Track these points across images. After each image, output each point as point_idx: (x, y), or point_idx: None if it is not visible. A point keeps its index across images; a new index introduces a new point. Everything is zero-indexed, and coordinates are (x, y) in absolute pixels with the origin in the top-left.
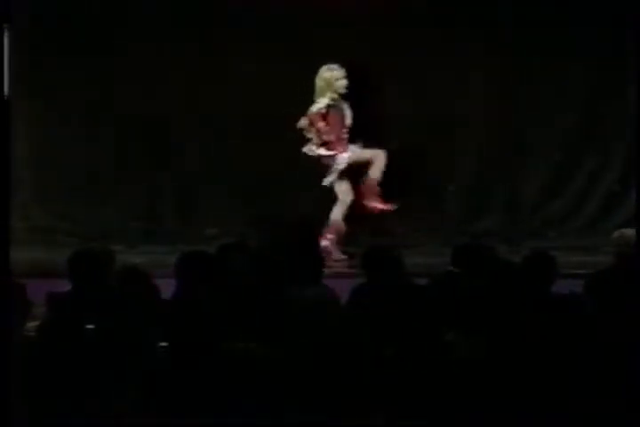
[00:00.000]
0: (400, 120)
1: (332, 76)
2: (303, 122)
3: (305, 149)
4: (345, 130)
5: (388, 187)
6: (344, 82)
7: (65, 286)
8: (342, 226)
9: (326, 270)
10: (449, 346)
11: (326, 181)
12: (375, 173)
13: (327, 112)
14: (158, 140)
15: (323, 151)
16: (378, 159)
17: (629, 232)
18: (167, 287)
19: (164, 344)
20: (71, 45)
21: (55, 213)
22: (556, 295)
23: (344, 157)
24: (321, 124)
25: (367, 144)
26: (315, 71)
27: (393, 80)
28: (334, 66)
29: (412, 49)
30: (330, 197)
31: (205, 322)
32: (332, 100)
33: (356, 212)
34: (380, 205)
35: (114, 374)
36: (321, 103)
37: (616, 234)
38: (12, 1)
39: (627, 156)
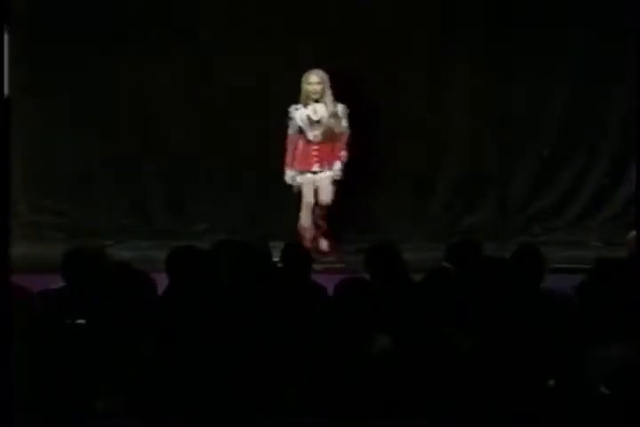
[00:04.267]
0: (390, 118)
1: (304, 81)
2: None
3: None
4: (313, 144)
5: (377, 183)
6: (315, 87)
7: (54, 281)
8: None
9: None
10: (445, 342)
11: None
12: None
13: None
14: (149, 137)
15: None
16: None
17: None
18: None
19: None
20: (71, 45)
21: (44, 208)
22: (549, 290)
23: (288, 176)
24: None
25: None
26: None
27: (382, 79)
28: (314, 70)
29: (403, 48)
30: None
31: (196, 317)
32: (305, 106)
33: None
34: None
35: (106, 372)
36: (290, 130)
37: (631, 235)
38: (12, 1)
39: (615, 150)
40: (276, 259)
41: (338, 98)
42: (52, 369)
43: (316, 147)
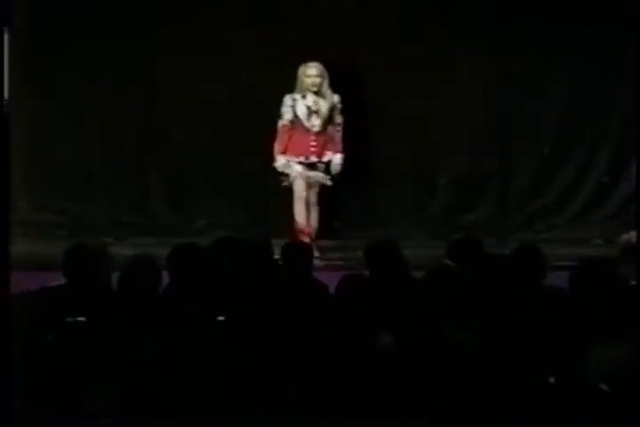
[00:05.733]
0: (390, 117)
1: (302, 73)
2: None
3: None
4: (311, 134)
5: (377, 181)
6: (315, 80)
7: (54, 279)
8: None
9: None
10: (447, 340)
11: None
12: (313, 221)
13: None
14: (149, 136)
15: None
16: (312, 208)
17: (635, 238)
18: None
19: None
20: (71, 45)
21: (45, 206)
22: (550, 288)
23: (280, 162)
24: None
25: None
26: None
27: (381, 77)
28: (312, 63)
29: (403, 48)
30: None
31: (196, 315)
32: (303, 97)
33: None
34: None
35: (106, 370)
36: (284, 119)
37: (623, 238)
38: (12, 1)
39: (614, 148)
40: (276, 256)
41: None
42: (51, 368)
43: (314, 137)
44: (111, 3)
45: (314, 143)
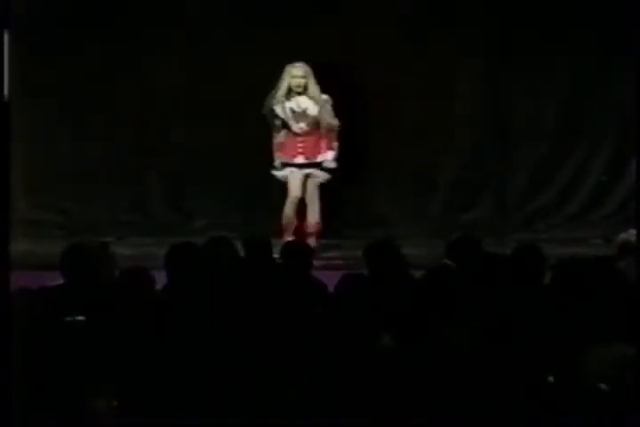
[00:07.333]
0: (390, 115)
1: (287, 74)
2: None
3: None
4: (298, 137)
5: (377, 180)
6: (299, 81)
7: (53, 278)
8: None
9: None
10: (446, 339)
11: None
12: (313, 216)
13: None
14: (149, 136)
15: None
16: (311, 204)
17: (633, 237)
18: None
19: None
20: (71, 45)
21: (44, 206)
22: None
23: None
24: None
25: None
26: None
27: (381, 77)
28: (297, 64)
29: (403, 48)
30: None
31: (195, 314)
32: (288, 98)
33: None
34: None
35: (104, 370)
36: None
37: (621, 237)
38: (12, 2)
39: (613, 147)
40: (275, 255)
41: (339, 97)
42: (50, 368)
43: (301, 139)
44: (111, 3)
45: (300, 145)
